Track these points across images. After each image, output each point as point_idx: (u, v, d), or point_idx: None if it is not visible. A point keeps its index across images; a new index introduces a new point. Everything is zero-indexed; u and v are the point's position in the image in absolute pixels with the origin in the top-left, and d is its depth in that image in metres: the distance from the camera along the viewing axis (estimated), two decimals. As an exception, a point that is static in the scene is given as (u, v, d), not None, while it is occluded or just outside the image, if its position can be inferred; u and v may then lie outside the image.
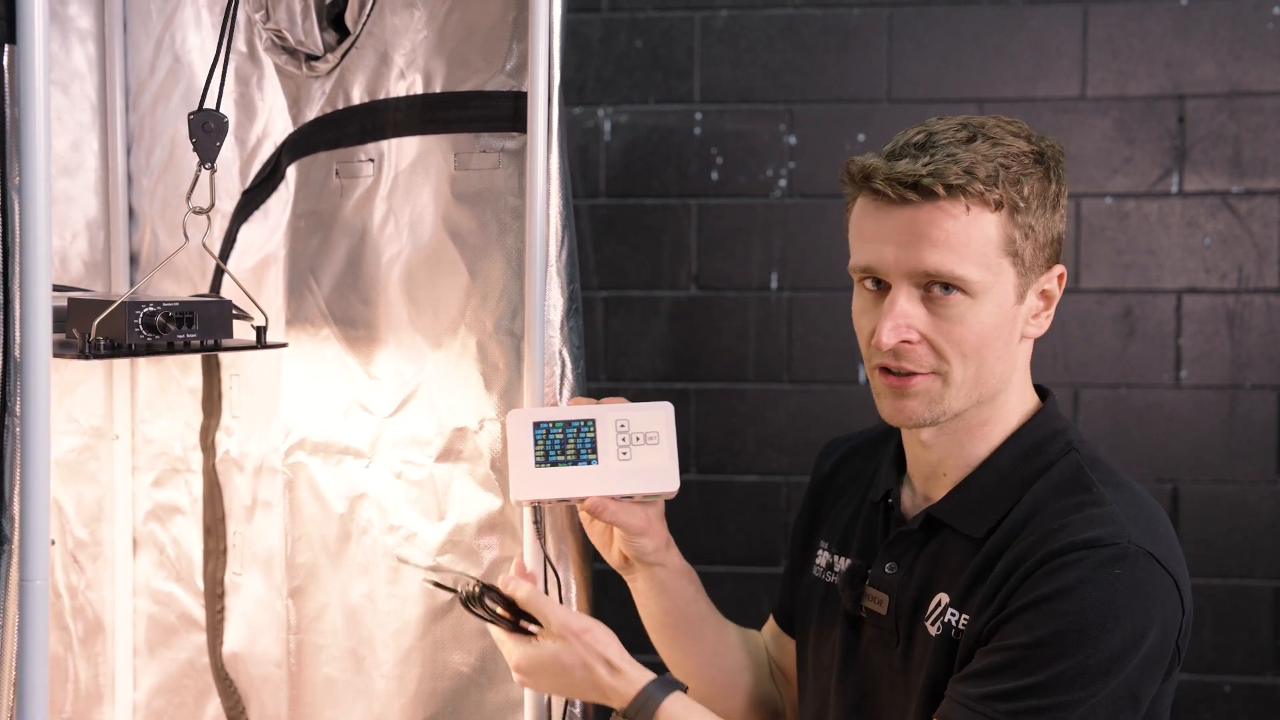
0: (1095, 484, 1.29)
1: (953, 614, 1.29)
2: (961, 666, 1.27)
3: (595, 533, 1.49)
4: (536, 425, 1.42)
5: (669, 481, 1.43)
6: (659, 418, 1.44)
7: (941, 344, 1.28)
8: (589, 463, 1.42)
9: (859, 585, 1.39)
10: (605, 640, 1.35)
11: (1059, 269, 1.33)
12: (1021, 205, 1.27)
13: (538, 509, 1.44)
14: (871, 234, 1.30)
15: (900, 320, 1.27)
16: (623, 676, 1.33)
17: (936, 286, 1.27)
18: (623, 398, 1.47)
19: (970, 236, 1.26)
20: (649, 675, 1.34)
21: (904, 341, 1.28)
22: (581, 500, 1.43)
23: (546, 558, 1.46)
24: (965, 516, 1.32)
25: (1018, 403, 1.35)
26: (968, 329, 1.27)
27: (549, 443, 1.42)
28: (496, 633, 1.41)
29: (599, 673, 1.34)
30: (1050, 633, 1.20)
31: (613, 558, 1.50)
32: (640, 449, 1.43)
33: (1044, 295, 1.33)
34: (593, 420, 1.43)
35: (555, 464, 1.41)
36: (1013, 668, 1.21)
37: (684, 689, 1.35)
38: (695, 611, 1.54)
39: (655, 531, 1.46)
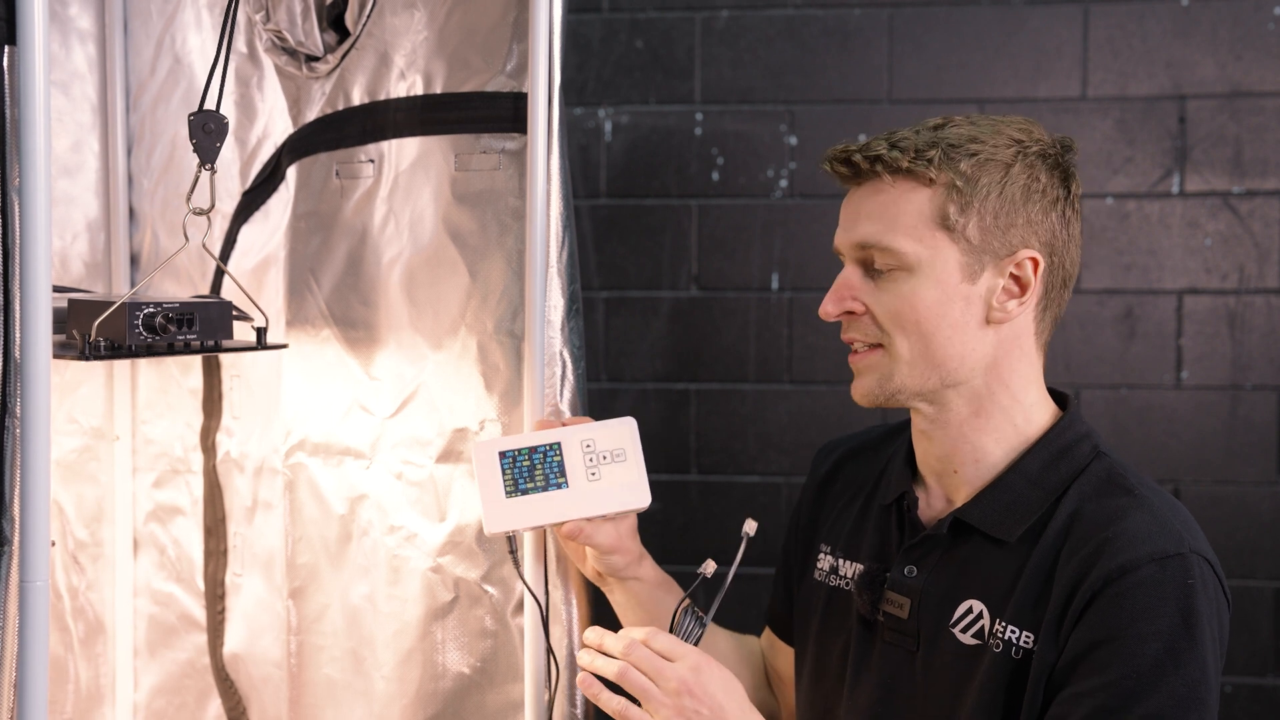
0: (1135, 487, 1.29)
1: (1012, 631, 1.26)
2: (1037, 696, 1.23)
3: (569, 548, 1.49)
4: (502, 455, 1.41)
5: (640, 497, 1.42)
6: (623, 434, 1.43)
7: (881, 316, 1.32)
8: (559, 487, 1.41)
9: (878, 589, 1.37)
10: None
11: (1028, 252, 1.30)
12: (960, 184, 1.28)
13: (513, 538, 1.44)
14: (840, 219, 1.36)
15: (843, 291, 1.33)
16: None
17: (878, 263, 1.31)
18: (588, 417, 1.46)
19: (900, 209, 1.30)
20: None
21: (848, 313, 1.33)
22: (559, 525, 1.42)
23: (528, 587, 1.45)
24: (996, 521, 1.31)
25: (1016, 395, 1.33)
26: (904, 302, 1.30)
27: (517, 471, 1.41)
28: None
29: None
30: (1145, 660, 1.18)
31: (587, 570, 1.49)
32: (608, 467, 1.42)
33: (1015, 280, 1.31)
34: (558, 444, 1.42)
35: (526, 492, 1.41)
36: (1120, 707, 1.17)
37: None
38: None
39: (626, 549, 1.46)
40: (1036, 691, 1.23)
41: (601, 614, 1.52)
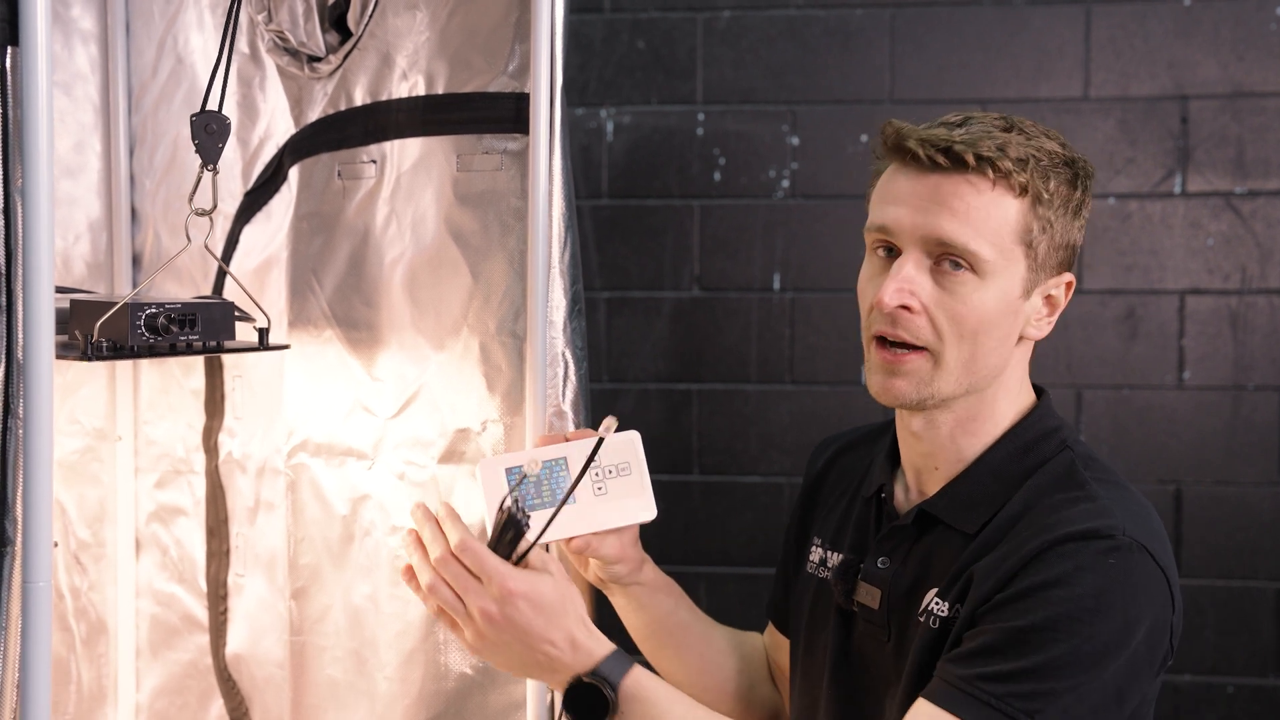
0: (1088, 481, 1.29)
1: (938, 604, 1.28)
2: (951, 650, 1.25)
3: (573, 557, 1.48)
4: (509, 471, 1.39)
5: (646, 510, 1.42)
6: (627, 447, 1.42)
7: (941, 319, 1.27)
8: (567, 502, 1.40)
9: (851, 580, 1.38)
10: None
11: (1068, 276, 1.32)
12: (1045, 198, 1.27)
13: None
14: (894, 196, 1.29)
15: (905, 285, 1.26)
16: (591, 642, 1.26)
17: (947, 261, 1.26)
18: (591, 430, 1.45)
19: (990, 214, 1.26)
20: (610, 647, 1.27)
21: (904, 308, 1.27)
22: (568, 541, 1.41)
23: None
24: (958, 512, 1.32)
25: (1011, 401, 1.35)
26: (969, 309, 1.27)
27: (524, 487, 1.39)
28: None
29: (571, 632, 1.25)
30: (1045, 618, 1.19)
31: (590, 577, 1.50)
32: (614, 481, 1.41)
33: (1049, 300, 1.33)
34: (564, 459, 1.40)
35: (533, 508, 1.38)
36: (1005, 650, 1.20)
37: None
38: (676, 622, 1.54)
39: (629, 557, 1.46)
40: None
41: (602, 615, 1.52)
